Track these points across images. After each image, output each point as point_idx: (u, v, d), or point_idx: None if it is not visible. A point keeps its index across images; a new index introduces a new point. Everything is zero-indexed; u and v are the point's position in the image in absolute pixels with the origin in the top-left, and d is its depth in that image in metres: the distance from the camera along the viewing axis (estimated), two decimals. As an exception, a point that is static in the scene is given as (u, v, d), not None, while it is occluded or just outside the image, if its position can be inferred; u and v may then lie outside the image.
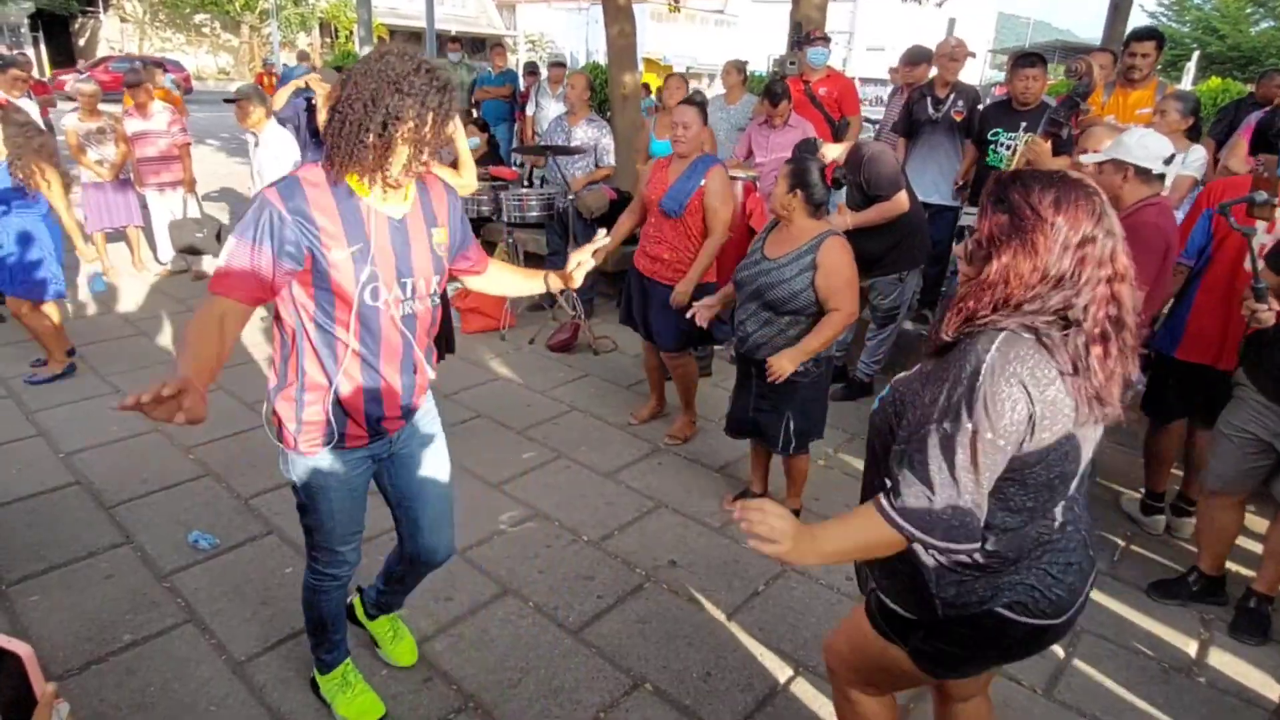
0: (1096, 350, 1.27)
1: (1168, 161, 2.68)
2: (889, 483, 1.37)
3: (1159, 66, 4.65)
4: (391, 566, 2.30)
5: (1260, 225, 2.59)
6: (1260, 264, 2.51)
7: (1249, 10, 23.06)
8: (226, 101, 5.21)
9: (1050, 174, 1.32)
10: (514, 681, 2.40)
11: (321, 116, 5.29)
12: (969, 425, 1.26)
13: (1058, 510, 1.42)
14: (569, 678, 2.43)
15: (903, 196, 3.95)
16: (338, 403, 1.85)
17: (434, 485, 2.13)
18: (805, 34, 5.75)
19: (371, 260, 1.74)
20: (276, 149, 4.98)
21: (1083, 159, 2.88)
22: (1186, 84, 13.09)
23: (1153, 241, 2.62)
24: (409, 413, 2.01)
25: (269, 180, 5.47)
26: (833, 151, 3.96)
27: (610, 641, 2.59)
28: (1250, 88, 7.06)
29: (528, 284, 2.30)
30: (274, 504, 3.27)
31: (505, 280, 2.25)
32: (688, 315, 3.23)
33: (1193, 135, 3.99)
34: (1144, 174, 2.68)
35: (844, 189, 4.00)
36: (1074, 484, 1.42)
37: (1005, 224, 1.30)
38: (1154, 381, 3.33)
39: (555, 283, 2.21)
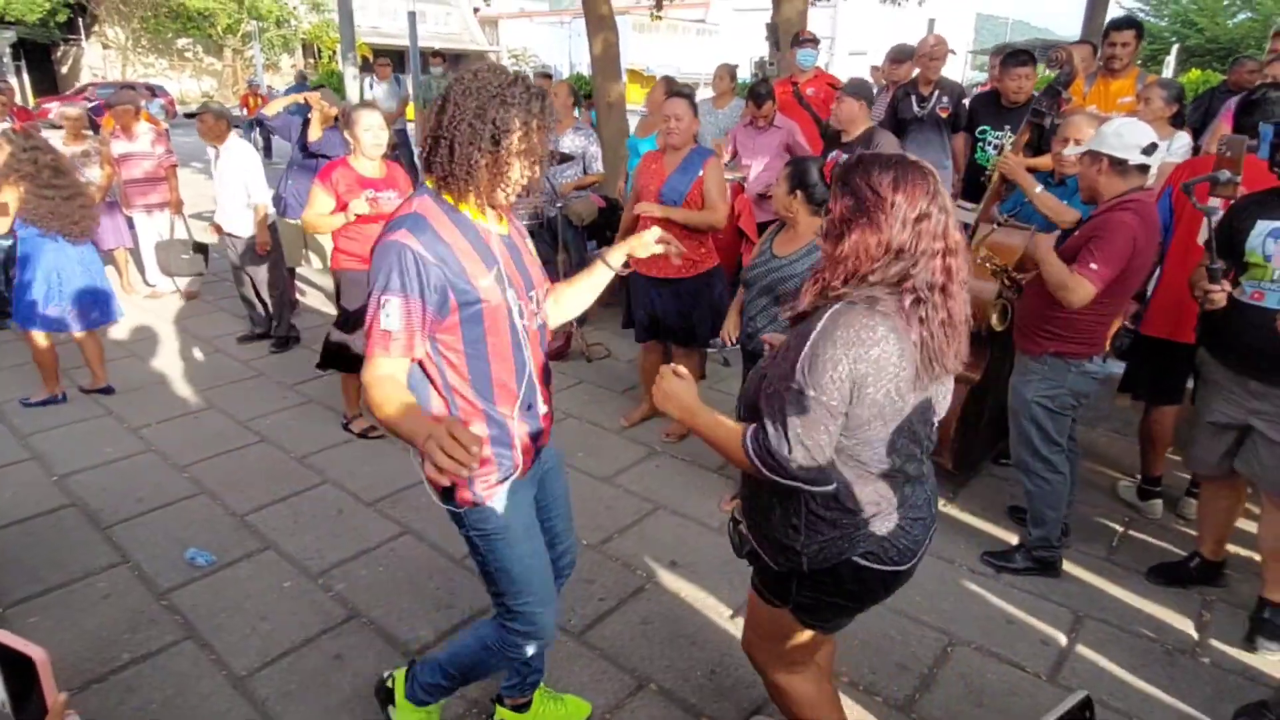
0: (936, 315, 1.43)
1: (1148, 151, 2.55)
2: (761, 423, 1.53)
3: (1139, 60, 4.69)
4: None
5: (1215, 202, 2.60)
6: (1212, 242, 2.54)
7: (1226, 2, 23.27)
8: (187, 116, 5.23)
9: (889, 157, 1.47)
10: (518, 686, 2.38)
11: (316, 133, 5.30)
12: (796, 385, 1.43)
13: (908, 467, 1.56)
14: (573, 680, 2.41)
15: None
16: (505, 433, 1.75)
17: (561, 487, 2.08)
18: (795, 36, 5.82)
19: (508, 281, 1.69)
20: (239, 160, 4.98)
21: (1065, 153, 2.88)
22: (1166, 77, 13.21)
23: (1113, 242, 2.50)
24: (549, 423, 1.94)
25: (230, 191, 5.38)
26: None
27: (613, 643, 2.58)
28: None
29: (593, 280, 2.06)
30: (270, 520, 3.26)
31: (571, 295, 2.06)
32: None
33: (1176, 122, 4.02)
34: (1119, 165, 2.56)
35: None
36: (924, 441, 1.57)
37: (851, 206, 1.45)
38: (1131, 362, 3.36)
39: (618, 257, 2.03)
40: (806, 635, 1.75)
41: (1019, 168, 3.26)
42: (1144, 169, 2.59)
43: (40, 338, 4.20)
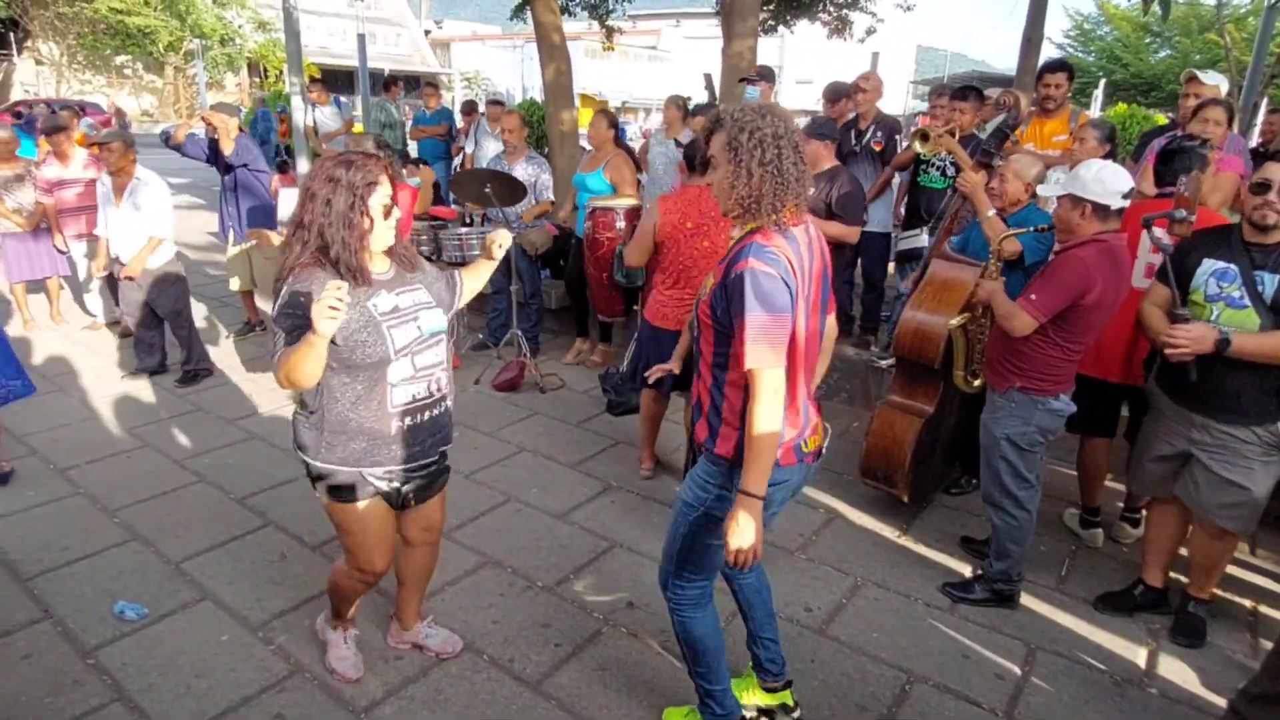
0: None
1: (1128, 196, 2.62)
2: None
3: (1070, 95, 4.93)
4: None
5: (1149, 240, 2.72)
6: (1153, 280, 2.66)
7: (1147, 40, 24.51)
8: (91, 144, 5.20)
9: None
10: (471, 742, 2.30)
11: (229, 146, 5.23)
12: None
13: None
14: (528, 734, 2.34)
15: (858, 231, 4.16)
16: None
17: None
18: (740, 78, 6.03)
19: None
20: (155, 192, 4.76)
21: (1040, 191, 2.98)
22: (1095, 110, 13.85)
23: (1056, 276, 2.63)
24: None
25: (139, 224, 5.30)
26: None
27: (570, 692, 2.51)
28: (1154, 112, 7.50)
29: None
30: (207, 567, 3.11)
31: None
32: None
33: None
34: (1101, 210, 2.63)
35: None
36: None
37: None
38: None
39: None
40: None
41: (978, 187, 3.38)
42: (1120, 212, 2.67)
43: None
